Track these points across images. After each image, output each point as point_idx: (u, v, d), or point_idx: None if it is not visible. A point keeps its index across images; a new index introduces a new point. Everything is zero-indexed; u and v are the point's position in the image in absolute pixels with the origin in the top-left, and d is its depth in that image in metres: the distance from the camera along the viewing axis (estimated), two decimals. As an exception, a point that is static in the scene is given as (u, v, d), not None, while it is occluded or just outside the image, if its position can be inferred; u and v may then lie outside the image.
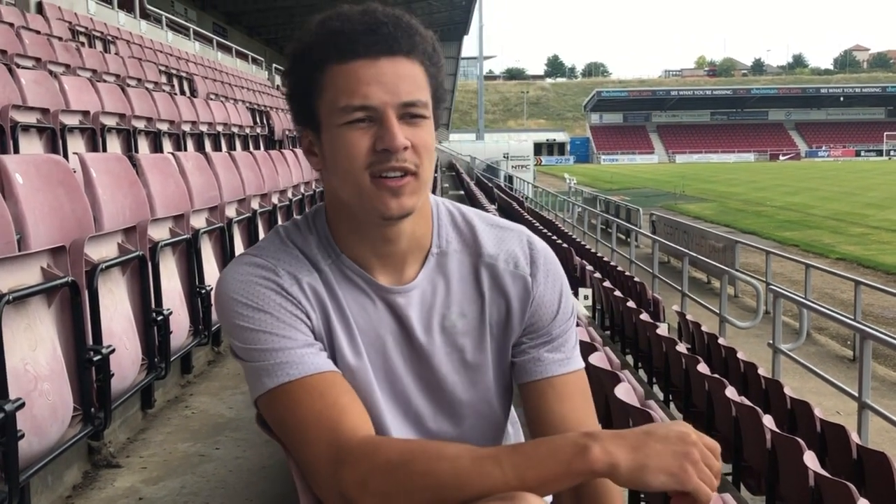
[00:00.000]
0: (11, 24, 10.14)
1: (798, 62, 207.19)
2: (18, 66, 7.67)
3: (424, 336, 1.61)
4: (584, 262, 12.28)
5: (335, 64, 1.46)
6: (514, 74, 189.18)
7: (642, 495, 3.51)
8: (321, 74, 1.47)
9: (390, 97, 1.45)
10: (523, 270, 1.64)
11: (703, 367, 6.15)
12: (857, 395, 7.16)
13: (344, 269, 1.59)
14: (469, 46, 74.47)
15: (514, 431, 1.82)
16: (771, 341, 8.88)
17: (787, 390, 6.20)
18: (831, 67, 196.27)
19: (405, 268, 1.60)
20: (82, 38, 13.78)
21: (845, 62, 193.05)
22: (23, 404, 2.87)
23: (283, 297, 1.53)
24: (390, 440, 1.46)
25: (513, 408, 1.83)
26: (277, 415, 1.50)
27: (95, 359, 3.51)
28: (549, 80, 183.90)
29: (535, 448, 1.35)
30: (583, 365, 1.69)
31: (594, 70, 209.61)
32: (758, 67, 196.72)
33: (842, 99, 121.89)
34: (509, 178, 42.99)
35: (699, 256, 14.05)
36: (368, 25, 1.46)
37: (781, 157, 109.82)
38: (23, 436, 2.88)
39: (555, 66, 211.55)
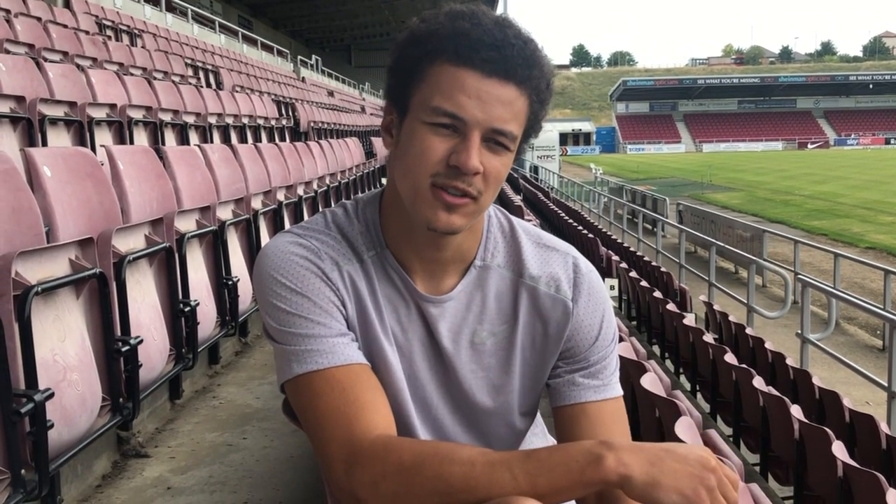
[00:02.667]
0: (39, 19, 10.21)
1: (826, 49, 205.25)
2: (46, 59, 7.73)
3: (452, 348, 1.59)
4: (610, 252, 12.23)
5: (447, 63, 1.41)
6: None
7: None
8: (429, 65, 1.43)
9: (483, 117, 1.40)
10: (565, 294, 1.61)
11: (730, 358, 6.12)
12: (886, 384, 7.10)
13: (385, 264, 1.57)
14: (494, 36, 74.27)
15: (541, 441, 1.81)
16: (799, 331, 8.82)
17: (815, 380, 6.16)
18: (860, 54, 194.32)
19: (445, 277, 1.58)
20: (109, 32, 13.86)
21: (874, 49, 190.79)
22: (52, 394, 2.90)
23: (323, 282, 1.51)
24: (403, 441, 1.41)
25: (539, 415, 1.81)
26: (301, 403, 1.49)
27: (124, 349, 3.54)
28: (574, 70, 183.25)
29: (548, 455, 1.31)
30: (621, 393, 1.64)
31: (620, 59, 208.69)
32: (786, 55, 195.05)
33: (871, 86, 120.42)
34: (535, 169, 42.88)
35: (726, 246, 13.97)
36: (496, 41, 1.40)
37: (810, 146, 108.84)
38: (52, 425, 2.91)
39: (580, 56, 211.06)
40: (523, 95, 1.43)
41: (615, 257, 11.77)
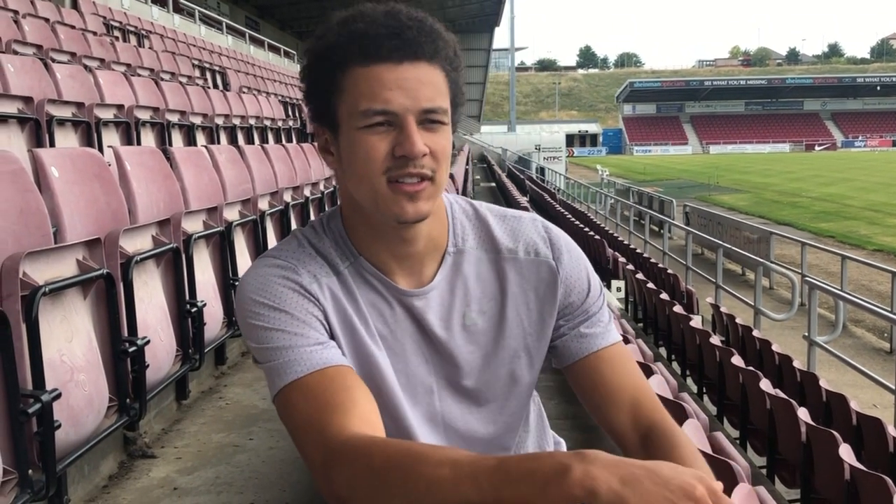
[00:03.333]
0: (47, 20, 10.25)
1: (834, 51, 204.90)
2: (54, 60, 7.75)
3: (445, 335, 1.60)
4: (616, 254, 12.23)
5: (358, 66, 1.44)
6: (545, 65, 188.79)
7: None
8: (342, 76, 1.46)
9: (411, 103, 1.44)
10: (545, 256, 1.64)
11: (737, 360, 6.11)
12: (893, 387, 7.08)
13: (362, 271, 1.58)
14: (500, 38, 74.34)
15: (537, 411, 1.83)
16: (806, 333, 8.79)
17: (822, 383, 6.14)
18: (868, 56, 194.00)
19: (423, 269, 1.60)
20: (116, 33, 13.91)
21: (882, 51, 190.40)
22: (59, 395, 2.91)
23: (301, 295, 1.52)
24: (376, 442, 1.36)
25: (545, 416, 1.85)
26: (283, 418, 1.49)
27: (131, 350, 3.54)
28: (581, 71, 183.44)
29: (518, 464, 1.20)
30: (620, 338, 1.69)
31: (627, 60, 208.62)
32: (793, 57, 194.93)
33: (878, 88, 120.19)
34: (541, 170, 42.89)
35: (733, 248, 13.94)
36: (393, 29, 1.44)
37: (817, 148, 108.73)
38: (59, 426, 2.92)
39: (587, 57, 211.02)
40: (437, 68, 1.48)
41: (622, 259, 11.76)
